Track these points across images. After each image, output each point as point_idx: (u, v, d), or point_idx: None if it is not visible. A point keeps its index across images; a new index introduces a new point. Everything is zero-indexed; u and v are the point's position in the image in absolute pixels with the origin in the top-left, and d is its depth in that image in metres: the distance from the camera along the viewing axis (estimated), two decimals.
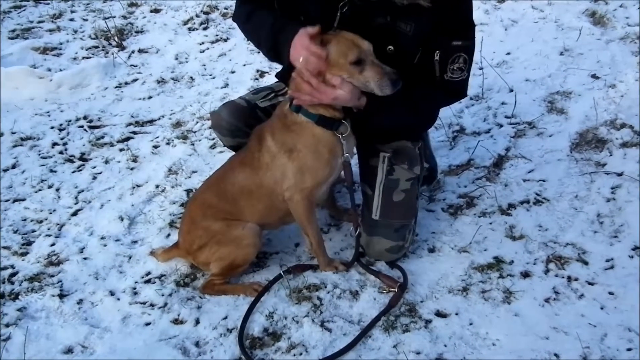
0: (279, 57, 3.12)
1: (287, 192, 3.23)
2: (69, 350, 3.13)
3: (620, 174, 3.85)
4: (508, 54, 5.38)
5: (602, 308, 3.06)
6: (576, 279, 3.23)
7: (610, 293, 3.13)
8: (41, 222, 4.07)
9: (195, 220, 3.41)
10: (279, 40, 3.05)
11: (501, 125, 4.51)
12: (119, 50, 6.26)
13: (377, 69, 2.93)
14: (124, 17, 6.88)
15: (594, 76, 4.86)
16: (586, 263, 3.32)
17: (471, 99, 4.84)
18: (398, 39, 3.05)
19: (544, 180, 3.93)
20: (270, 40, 3.11)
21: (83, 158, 4.74)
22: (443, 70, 3.13)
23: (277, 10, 3.19)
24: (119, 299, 3.42)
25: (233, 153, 3.60)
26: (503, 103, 4.75)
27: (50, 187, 4.41)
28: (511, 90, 4.85)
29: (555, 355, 2.84)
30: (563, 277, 3.25)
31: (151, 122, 5.17)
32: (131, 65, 6.04)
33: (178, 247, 3.54)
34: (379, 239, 3.38)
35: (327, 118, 3.10)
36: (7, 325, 3.27)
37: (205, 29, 6.53)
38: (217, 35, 6.37)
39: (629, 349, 2.83)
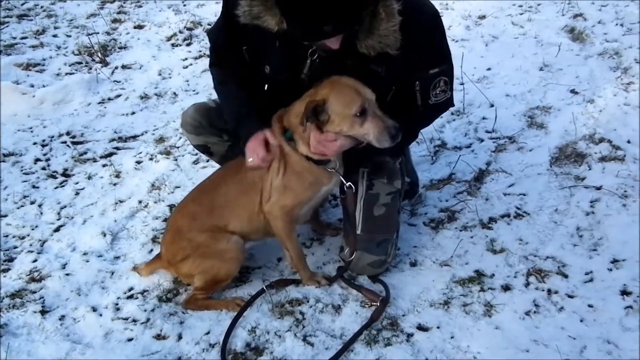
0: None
1: (268, 207, 3.27)
2: None
3: (599, 188, 3.90)
4: (489, 69, 5.44)
5: (581, 320, 3.09)
6: (556, 292, 3.26)
7: (590, 306, 3.17)
8: (23, 238, 4.05)
9: (180, 230, 3.42)
10: (239, 133, 3.27)
11: (482, 140, 4.56)
12: (102, 66, 6.27)
13: (378, 122, 2.95)
14: (107, 33, 6.91)
15: (573, 91, 4.92)
16: (566, 276, 3.36)
17: (452, 113, 4.89)
18: (370, 79, 3.07)
19: (524, 194, 3.98)
20: (233, 126, 3.34)
21: (66, 174, 4.74)
22: (427, 97, 3.18)
23: (244, 84, 3.30)
24: (101, 315, 3.40)
25: (215, 169, 3.63)
26: (484, 118, 4.80)
27: (32, 203, 4.40)
28: (492, 105, 4.90)
29: None
30: (543, 290, 3.28)
31: (134, 137, 5.17)
32: (114, 81, 6.05)
33: (160, 259, 3.54)
34: (361, 254, 3.39)
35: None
36: None
37: (188, 44, 6.57)
38: (200, 51, 6.40)
39: None
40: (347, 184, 3.26)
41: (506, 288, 3.33)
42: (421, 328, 3.16)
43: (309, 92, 3.07)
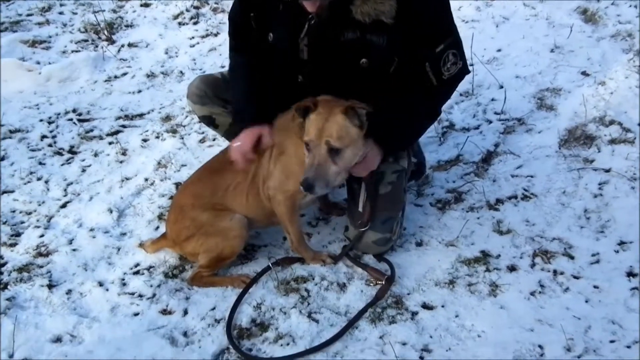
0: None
1: (271, 191, 3.28)
2: (58, 340, 3.14)
3: (608, 170, 3.88)
4: (499, 50, 5.40)
5: (587, 301, 3.09)
6: (562, 273, 3.26)
7: (595, 287, 3.16)
8: (30, 213, 4.08)
9: (183, 210, 3.42)
10: (236, 120, 3.42)
11: (490, 122, 4.54)
12: (108, 44, 6.26)
13: (308, 164, 2.97)
14: (114, 11, 6.88)
15: (584, 73, 4.87)
16: (572, 257, 3.35)
17: (461, 94, 4.86)
18: (371, 51, 3.07)
19: (532, 176, 3.95)
20: (234, 115, 3.50)
21: (72, 151, 4.75)
22: (439, 74, 3.15)
23: (255, 76, 3.37)
24: (107, 290, 3.43)
25: (221, 148, 3.63)
26: (493, 99, 4.77)
27: (39, 179, 4.42)
28: (501, 87, 4.87)
29: (540, 346, 2.87)
30: (549, 271, 3.28)
31: (141, 115, 5.17)
32: (121, 59, 6.04)
33: (166, 238, 3.55)
34: (364, 232, 3.39)
35: None
36: None
37: (195, 23, 6.53)
38: (207, 30, 6.37)
39: (612, 341, 2.86)
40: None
41: (512, 268, 3.32)
42: (426, 307, 3.16)
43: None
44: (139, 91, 5.51)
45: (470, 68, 4.92)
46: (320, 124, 2.93)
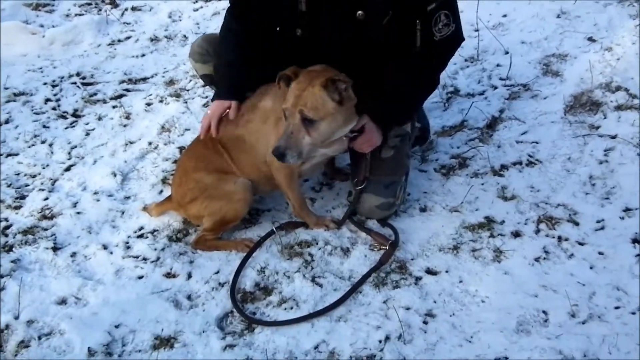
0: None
1: (268, 157, 3.24)
2: (63, 301, 3.16)
3: (614, 137, 3.85)
4: (504, 16, 5.33)
5: (591, 267, 3.08)
6: (566, 239, 3.25)
7: (600, 253, 3.16)
8: (34, 176, 4.08)
9: (187, 171, 3.42)
10: (216, 87, 3.51)
11: (495, 87, 4.50)
12: (111, 8, 6.21)
13: (281, 132, 3.01)
14: None
15: (591, 39, 4.82)
16: (577, 224, 3.34)
17: (466, 60, 4.83)
18: (367, 3, 3.04)
19: (537, 142, 3.93)
20: (215, 78, 3.56)
21: (76, 114, 4.74)
22: (430, 34, 3.10)
23: (244, 44, 3.38)
24: (112, 253, 3.44)
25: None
26: (498, 65, 4.72)
27: (43, 142, 4.42)
28: (506, 52, 4.82)
29: (544, 312, 2.87)
30: (553, 237, 3.27)
31: (144, 79, 5.15)
32: (124, 23, 6.00)
33: (170, 200, 3.55)
34: (368, 196, 3.39)
35: None
36: (2, 276, 3.31)
37: None
38: None
39: (617, 307, 2.86)
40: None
41: (516, 234, 3.32)
42: (430, 272, 3.17)
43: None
44: (143, 55, 5.49)
45: (475, 33, 4.95)
46: (297, 92, 2.94)
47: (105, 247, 3.48)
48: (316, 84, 2.91)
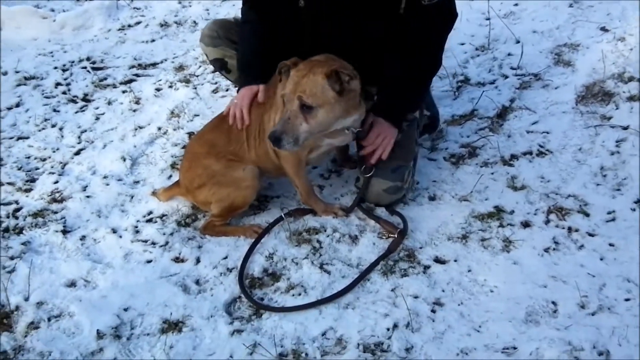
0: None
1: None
2: (72, 284, 3.17)
3: (625, 128, 3.83)
4: (516, 4, 5.31)
5: (601, 259, 3.07)
6: (577, 230, 3.23)
7: (611, 245, 3.14)
8: (45, 160, 4.10)
9: (196, 157, 3.43)
10: (240, 76, 3.46)
11: (506, 77, 4.48)
12: None
13: (282, 115, 3.00)
14: None
15: (603, 29, 4.79)
16: (587, 215, 3.32)
17: (477, 49, 4.81)
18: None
19: (547, 132, 3.91)
20: (237, 69, 3.54)
21: (86, 99, 4.75)
22: None
23: (262, 33, 3.40)
24: (121, 237, 3.45)
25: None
26: (509, 54, 4.70)
27: (53, 126, 4.44)
28: (518, 42, 4.80)
29: (553, 302, 2.86)
30: (563, 228, 3.26)
31: (154, 65, 5.16)
32: (134, 8, 6.01)
33: (178, 186, 3.55)
34: (376, 180, 3.37)
35: None
36: (12, 258, 3.32)
37: None
38: None
39: (627, 299, 2.85)
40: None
41: (526, 225, 3.31)
42: (438, 260, 3.16)
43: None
44: (152, 40, 5.50)
45: (486, 22, 4.93)
46: (297, 79, 2.94)
47: (114, 231, 3.49)
48: (317, 72, 2.91)
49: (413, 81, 3.31)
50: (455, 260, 3.14)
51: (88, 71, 5.07)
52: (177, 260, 3.29)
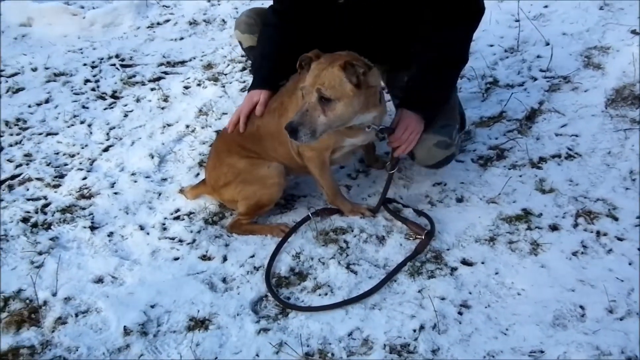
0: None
1: (301, 148, 3.25)
2: (100, 280, 3.21)
3: None
4: (546, 6, 5.27)
5: (630, 264, 3.04)
6: (605, 234, 3.21)
7: (639, 249, 3.11)
8: (73, 156, 4.14)
9: (221, 156, 3.44)
10: (253, 78, 3.49)
11: (535, 79, 4.45)
12: None
13: (300, 106, 2.98)
14: None
15: (634, 32, 4.74)
16: (616, 219, 3.29)
17: (506, 51, 4.78)
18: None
19: (576, 135, 3.88)
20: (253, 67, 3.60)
21: (115, 96, 4.79)
22: None
23: (281, 39, 3.40)
24: (148, 234, 3.48)
25: None
26: (538, 56, 4.67)
27: (82, 122, 4.48)
28: (547, 44, 4.76)
29: (581, 307, 2.84)
30: (592, 232, 3.23)
31: (182, 63, 5.19)
32: (164, 6, 6.04)
33: (205, 184, 3.57)
34: (426, 135, 3.27)
35: None
36: (40, 253, 3.36)
37: None
38: None
39: None
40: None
41: (554, 228, 3.28)
42: (465, 263, 3.15)
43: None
44: (181, 38, 5.53)
45: (515, 24, 4.90)
46: (316, 72, 2.93)
47: (142, 228, 3.52)
48: (336, 65, 2.90)
49: (442, 74, 3.27)
50: (483, 263, 3.13)
51: (117, 68, 5.11)
52: (204, 258, 3.31)
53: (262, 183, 3.37)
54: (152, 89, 4.81)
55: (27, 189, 3.86)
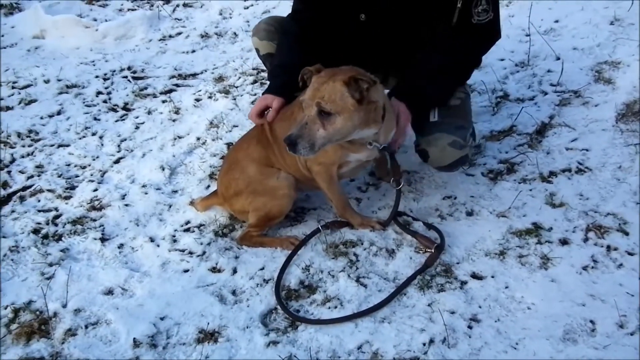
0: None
1: (309, 162, 3.26)
2: (110, 292, 3.22)
3: None
4: (556, 21, 5.28)
5: None
6: (616, 249, 3.20)
7: None
8: (84, 167, 4.17)
9: (234, 162, 3.46)
10: (270, 83, 3.47)
11: (546, 93, 4.45)
12: (163, 4, 6.32)
13: (299, 119, 2.97)
14: None
15: None
16: (627, 233, 3.28)
17: (516, 65, 4.78)
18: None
19: (587, 150, 3.88)
20: (269, 74, 3.57)
21: (126, 108, 4.82)
22: (468, 15, 3.13)
23: (298, 46, 3.43)
24: (158, 246, 3.49)
25: None
26: (549, 71, 4.67)
27: (94, 134, 4.51)
28: (558, 58, 4.77)
29: (591, 321, 2.83)
30: (602, 246, 3.22)
31: (194, 75, 5.22)
32: (175, 19, 6.09)
33: (216, 195, 3.58)
34: (440, 134, 3.28)
35: None
36: (51, 265, 3.37)
37: None
38: None
39: None
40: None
41: (564, 242, 3.28)
42: (475, 276, 3.14)
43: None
44: (193, 51, 5.57)
45: (526, 38, 4.90)
46: (317, 85, 2.90)
47: (152, 240, 3.53)
48: (337, 79, 2.86)
49: (443, 78, 3.27)
50: (493, 277, 3.12)
51: (129, 80, 5.14)
52: (214, 270, 3.31)
53: (272, 194, 3.37)
54: (163, 101, 4.84)
55: (39, 200, 3.88)
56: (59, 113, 4.77)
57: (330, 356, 2.79)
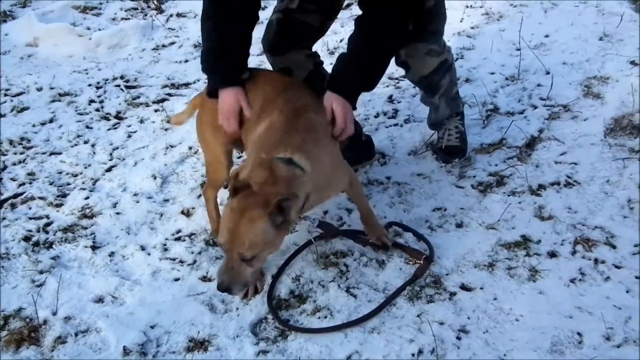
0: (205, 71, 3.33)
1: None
2: (100, 300, 3.22)
3: None
4: (546, 36, 5.33)
5: (627, 291, 3.05)
6: (603, 262, 3.22)
7: (637, 277, 3.11)
8: (76, 175, 4.17)
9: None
10: (208, 77, 3.29)
11: (535, 107, 4.49)
12: (157, 13, 6.32)
13: (223, 264, 2.75)
14: None
15: (633, 63, 4.79)
16: (614, 247, 3.31)
17: (506, 79, 4.82)
18: None
19: (575, 164, 3.91)
20: (203, 66, 3.31)
21: (119, 116, 4.82)
22: None
23: (234, 18, 3.09)
24: (149, 254, 3.50)
25: None
26: (539, 85, 4.71)
27: (86, 142, 4.51)
28: (547, 73, 4.81)
29: (579, 334, 2.85)
30: (590, 259, 3.25)
31: (186, 85, 5.23)
32: (169, 29, 6.10)
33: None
34: (416, 44, 3.40)
35: None
36: (41, 272, 3.38)
37: None
38: None
39: None
40: None
41: (552, 255, 3.30)
42: (464, 288, 3.16)
43: None
44: (186, 61, 5.58)
45: (516, 52, 4.96)
46: (231, 226, 2.63)
47: (143, 248, 3.54)
48: (256, 218, 2.60)
49: (372, 60, 3.12)
50: (482, 288, 3.14)
51: (121, 89, 5.15)
52: (205, 279, 3.32)
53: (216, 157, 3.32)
54: (156, 110, 4.85)
55: (30, 208, 3.88)
56: (51, 121, 4.77)
57: None
